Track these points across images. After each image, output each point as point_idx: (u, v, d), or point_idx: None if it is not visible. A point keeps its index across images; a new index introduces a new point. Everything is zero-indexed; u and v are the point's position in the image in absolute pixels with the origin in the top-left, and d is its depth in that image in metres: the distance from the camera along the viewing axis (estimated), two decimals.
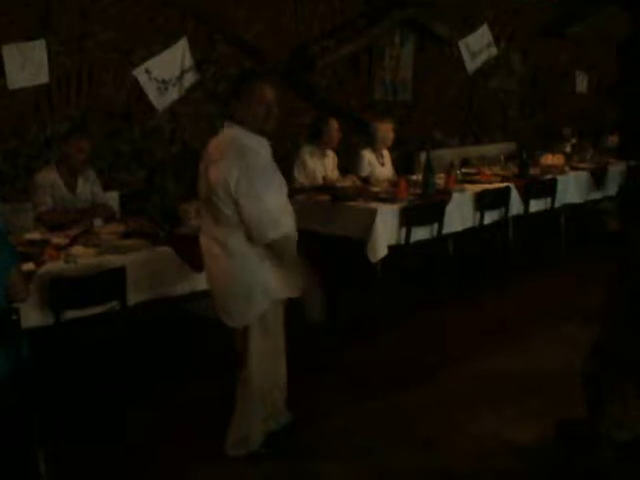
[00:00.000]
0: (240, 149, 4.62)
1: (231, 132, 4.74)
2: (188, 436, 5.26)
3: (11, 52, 7.33)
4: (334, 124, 8.50)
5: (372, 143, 8.97)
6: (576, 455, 4.74)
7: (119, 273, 5.43)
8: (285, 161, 8.88)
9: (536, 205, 9.17)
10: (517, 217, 8.95)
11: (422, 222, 7.64)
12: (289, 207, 4.83)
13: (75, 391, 5.50)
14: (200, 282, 5.78)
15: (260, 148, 4.71)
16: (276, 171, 4.77)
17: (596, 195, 10.25)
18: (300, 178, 8.27)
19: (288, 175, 8.01)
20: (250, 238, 4.62)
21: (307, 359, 5.03)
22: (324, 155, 8.57)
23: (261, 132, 4.74)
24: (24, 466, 4.61)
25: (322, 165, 8.49)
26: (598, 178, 10.18)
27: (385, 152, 9.13)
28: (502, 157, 10.57)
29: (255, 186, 4.54)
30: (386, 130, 8.96)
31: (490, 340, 7.00)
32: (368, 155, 8.88)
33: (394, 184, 8.10)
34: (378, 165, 8.95)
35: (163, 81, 7.91)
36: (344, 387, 6.05)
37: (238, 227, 4.63)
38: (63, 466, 4.78)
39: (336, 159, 8.76)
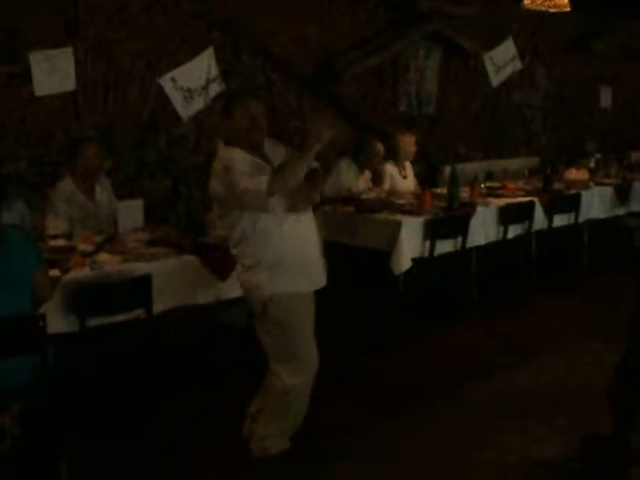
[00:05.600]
0: (223, 165, 4.78)
1: (219, 151, 4.89)
2: (213, 440, 5.28)
3: (38, 59, 7.33)
4: (378, 148, 8.49)
5: (394, 156, 8.93)
6: (603, 472, 4.70)
7: (145, 281, 5.43)
8: None
9: (560, 220, 9.14)
10: (541, 232, 8.91)
11: (446, 235, 7.62)
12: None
13: (99, 397, 5.49)
14: (225, 291, 5.80)
15: (243, 164, 4.75)
16: (262, 170, 4.76)
17: (620, 211, 10.22)
18: (327, 190, 8.22)
19: None
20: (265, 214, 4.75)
21: (327, 370, 5.00)
22: (361, 173, 8.55)
23: (249, 145, 4.83)
24: (46, 470, 4.61)
25: (356, 181, 8.46)
26: (622, 193, 10.14)
27: (407, 165, 9.09)
28: (526, 171, 10.54)
29: (236, 191, 4.67)
30: (408, 143, 8.92)
31: (512, 355, 6.97)
32: (390, 168, 8.85)
33: (419, 197, 8.08)
34: (400, 178, 8.92)
35: (189, 90, 7.89)
36: (364, 400, 6.02)
37: (246, 236, 4.82)
38: (85, 470, 4.78)
39: (369, 176, 8.73)
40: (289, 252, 4.81)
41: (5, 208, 5.30)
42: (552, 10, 8.70)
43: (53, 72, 7.35)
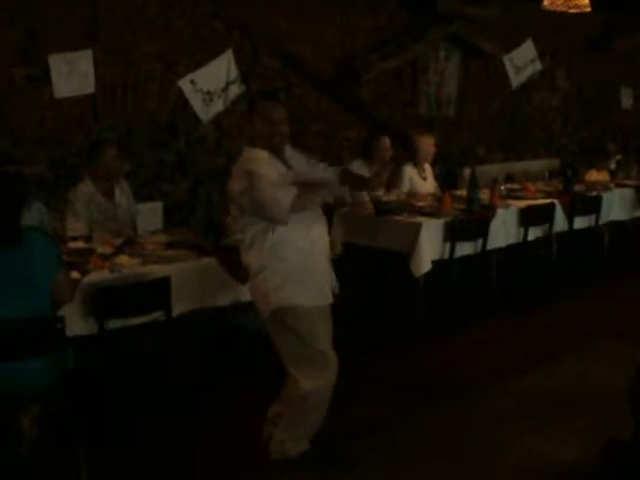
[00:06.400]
0: (246, 168, 4.76)
1: (244, 152, 4.89)
2: (231, 443, 5.26)
3: (57, 62, 7.35)
4: (385, 142, 8.44)
5: (414, 158, 8.89)
6: (623, 476, 4.66)
7: (164, 283, 5.41)
8: None
9: (580, 222, 9.09)
10: (561, 233, 8.87)
11: (466, 237, 7.58)
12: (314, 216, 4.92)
13: (117, 399, 5.48)
14: (243, 293, 5.76)
15: (265, 165, 4.77)
16: (282, 174, 4.81)
17: None
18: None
19: None
20: (275, 226, 4.74)
21: (349, 372, 4.98)
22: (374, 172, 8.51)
23: (269, 149, 4.83)
24: (65, 472, 4.62)
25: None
26: None
27: (427, 166, 9.05)
28: (546, 173, 10.50)
29: (257, 196, 4.67)
30: (428, 144, 8.88)
31: (533, 357, 6.94)
32: (409, 170, 8.81)
33: (438, 199, 8.05)
34: (420, 180, 8.88)
35: (208, 92, 7.90)
36: (385, 401, 5.99)
37: (258, 240, 4.79)
38: (103, 472, 4.78)
39: (385, 176, 8.68)
40: (298, 265, 4.78)
41: (24, 209, 5.28)
42: (572, 10, 8.64)
43: (72, 75, 7.37)
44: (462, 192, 8.49)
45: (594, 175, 10.15)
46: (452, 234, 7.42)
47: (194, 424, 5.52)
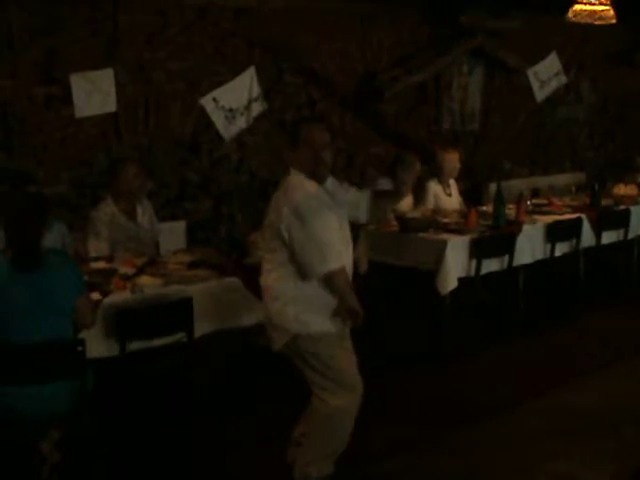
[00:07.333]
0: (292, 193, 4.67)
1: (289, 178, 4.78)
2: (254, 465, 5.22)
3: (79, 81, 7.33)
4: (415, 163, 8.22)
5: (438, 173, 8.80)
6: None
7: (186, 304, 5.37)
8: None
9: (608, 237, 8.96)
10: (589, 249, 8.75)
11: (493, 254, 7.50)
12: (344, 244, 4.85)
13: (139, 421, 5.43)
14: None
15: (311, 189, 4.71)
16: (331, 209, 4.74)
17: None
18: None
19: None
20: (301, 275, 4.66)
21: (373, 391, 4.90)
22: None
23: (313, 177, 4.73)
24: None
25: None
26: None
27: (452, 182, 8.96)
28: (573, 187, 10.39)
29: (304, 227, 4.58)
30: (452, 160, 8.78)
31: (561, 375, 6.84)
32: (434, 186, 8.72)
33: (464, 215, 7.96)
34: (445, 196, 8.79)
35: (230, 110, 7.86)
36: (410, 422, 5.92)
37: (282, 267, 4.70)
38: None
39: (411, 197, 8.56)
40: (321, 292, 4.71)
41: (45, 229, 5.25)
42: (597, 22, 8.51)
43: (94, 93, 7.35)
44: (488, 208, 8.40)
45: (622, 189, 10.01)
46: (478, 251, 7.34)
47: (217, 446, 5.47)
